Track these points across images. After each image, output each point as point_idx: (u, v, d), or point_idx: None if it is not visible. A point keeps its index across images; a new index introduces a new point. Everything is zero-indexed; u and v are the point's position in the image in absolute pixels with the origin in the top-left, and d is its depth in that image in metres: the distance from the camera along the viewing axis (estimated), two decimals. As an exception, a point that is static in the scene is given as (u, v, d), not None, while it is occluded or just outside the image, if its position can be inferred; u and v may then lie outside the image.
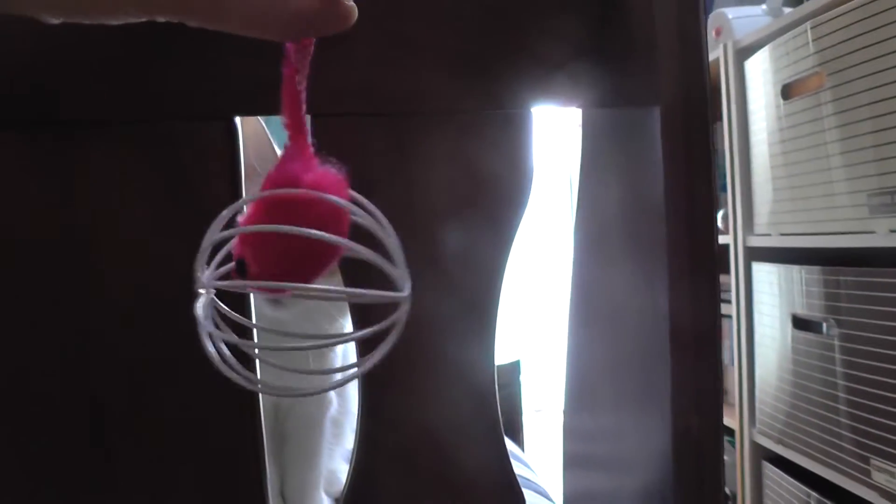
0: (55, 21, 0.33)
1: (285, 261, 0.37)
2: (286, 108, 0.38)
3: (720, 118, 1.83)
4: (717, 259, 0.46)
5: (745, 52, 1.70)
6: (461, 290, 0.52)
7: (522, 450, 1.57)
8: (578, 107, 0.49)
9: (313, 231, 0.35)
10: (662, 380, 0.46)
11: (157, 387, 0.53)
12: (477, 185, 0.50)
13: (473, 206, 0.50)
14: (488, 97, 0.48)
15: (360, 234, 0.36)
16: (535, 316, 2.85)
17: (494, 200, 0.50)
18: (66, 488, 0.52)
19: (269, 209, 0.37)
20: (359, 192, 0.41)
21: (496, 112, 0.50)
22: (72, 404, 0.52)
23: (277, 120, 0.39)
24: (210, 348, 0.37)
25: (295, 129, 0.38)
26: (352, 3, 0.35)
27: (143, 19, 0.33)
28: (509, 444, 0.69)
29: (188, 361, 0.53)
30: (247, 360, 0.41)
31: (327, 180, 0.38)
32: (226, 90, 0.48)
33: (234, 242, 0.38)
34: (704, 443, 0.44)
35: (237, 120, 0.51)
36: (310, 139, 0.39)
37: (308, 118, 0.41)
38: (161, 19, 0.33)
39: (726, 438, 1.92)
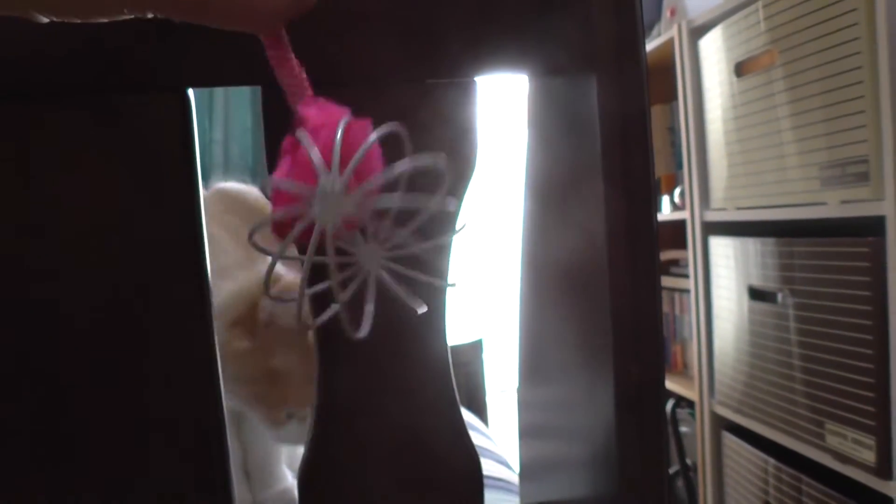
0: (45, 20, 0.34)
1: None
2: (288, 80, 0.40)
3: (675, 97, 1.86)
4: (675, 235, 0.48)
5: (698, 32, 1.73)
6: (409, 260, 0.53)
7: (486, 425, 1.60)
8: (520, 74, 0.51)
9: None
10: (607, 347, 0.48)
11: (115, 363, 0.54)
12: (421, 150, 0.51)
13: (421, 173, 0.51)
14: (434, 66, 0.49)
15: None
16: (500, 298, 2.87)
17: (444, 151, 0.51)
18: (25, 464, 0.52)
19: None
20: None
21: (442, 81, 0.51)
22: (30, 379, 0.52)
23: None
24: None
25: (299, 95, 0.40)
26: None
27: (133, 16, 0.34)
28: (471, 419, 0.70)
29: (145, 338, 0.53)
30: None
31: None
32: (180, 62, 0.49)
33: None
34: (645, 390, 0.46)
35: (190, 92, 0.51)
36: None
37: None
38: (150, 15, 0.34)
39: (687, 410, 1.96)
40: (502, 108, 1.84)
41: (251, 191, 0.86)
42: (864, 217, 1.20)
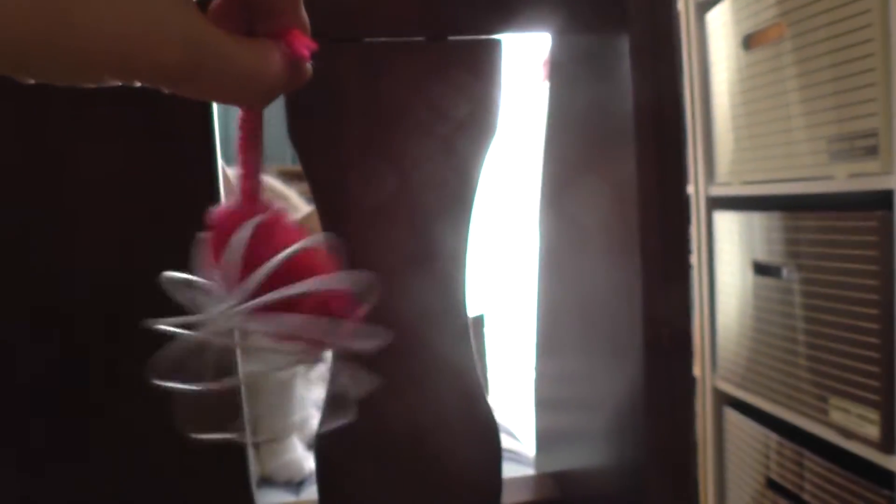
0: (30, 81, 0.33)
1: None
2: (242, 164, 0.39)
3: (681, 71, 1.84)
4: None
5: (705, 6, 1.71)
6: (429, 219, 0.52)
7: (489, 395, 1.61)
8: (546, 32, 0.49)
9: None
10: (631, 318, 0.47)
11: (133, 333, 0.53)
12: (444, 110, 0.49)
13: (442, 128, 0.50)
14: (456, 21, 0.47)
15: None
16: (502, 275, 2.86)
17: (462, 126, 0.50)
18: (43, 427, 0.51)
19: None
20: (332, 116, 0.41)
21: (465, 39, 0.49)
22: (46, 345, 0.51)
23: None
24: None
25: (249, 189, 0.39)
26: (309, 66, 0.37)
27: (119, 84, 0.33)
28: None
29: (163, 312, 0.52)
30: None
31: (315, 257, 0.38)
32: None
33: None
34: (674, 354, 0.45)
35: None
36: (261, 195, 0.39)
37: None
38: (137, 84, 0.33)
39: (689, 386, 1.96)
40: (520, 75, 1.81)
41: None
42: (873, 191, 1.19)
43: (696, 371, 1.80)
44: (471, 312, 1.76)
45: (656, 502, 0.45)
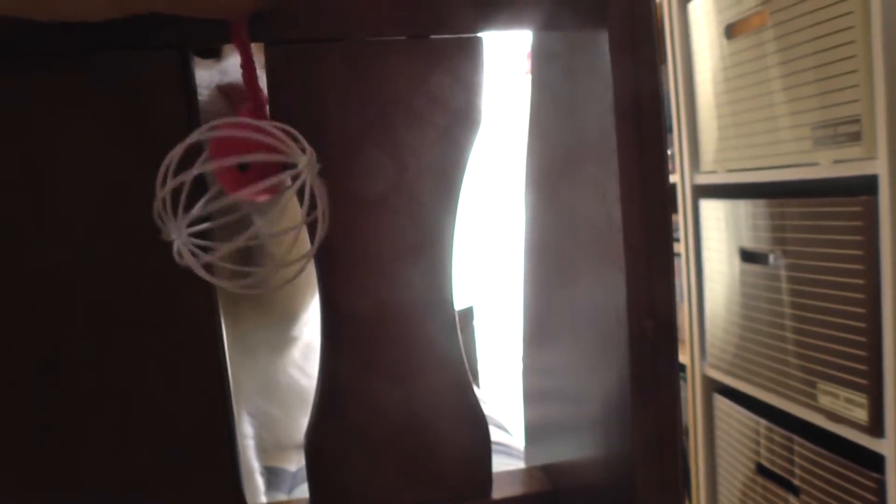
0: (44, 20, 0.36)
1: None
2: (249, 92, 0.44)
3: (664, 61, 1.85)
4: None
5: (687, -6, 1.71)
6: (415, 218, 0.52)
7: (479, 389, 1.61)
8: (527, 29, 0.49)
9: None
10: (617, 310, 0.47)
11: (118, 308, 0.53)
12: (428, 107, 0.50)
13: (426, 128, 0.50)
14: (438, 22, 0.47)
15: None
16: (490, 267, 2.86)
17: (447, 125, 0.50)
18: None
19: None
20: (313, 117, 0.41)
21: (447, 38, 0.49)
22: (33, 340, 0.51)
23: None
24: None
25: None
26: None
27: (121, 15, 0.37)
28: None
29: (149, 283, 0.52)
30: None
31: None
32: (178, 18, 0.48)
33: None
34: (659, 345, 0.45)
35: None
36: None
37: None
38: (140, 13, 0.37)
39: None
40: (504, 72, 1.81)
41: None
42: (857, 176, 1.20)
43: (685, 359, 1.81)
44: (460, 305, 1.76)
45: (645, 492, 0.46)
